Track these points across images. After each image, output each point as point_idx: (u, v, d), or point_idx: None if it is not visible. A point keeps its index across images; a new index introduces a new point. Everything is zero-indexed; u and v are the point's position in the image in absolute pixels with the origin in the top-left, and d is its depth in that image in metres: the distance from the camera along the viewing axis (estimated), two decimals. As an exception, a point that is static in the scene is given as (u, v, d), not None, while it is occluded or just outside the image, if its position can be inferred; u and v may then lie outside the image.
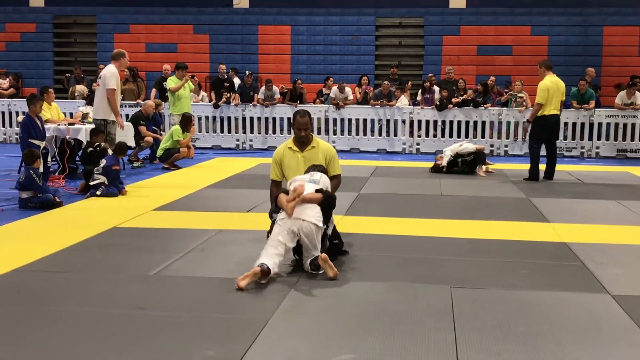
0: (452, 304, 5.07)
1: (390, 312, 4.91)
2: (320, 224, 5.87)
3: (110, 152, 10.27)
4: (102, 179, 9.76)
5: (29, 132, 10.22)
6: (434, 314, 4.85)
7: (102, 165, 9.79)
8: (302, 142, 6.84)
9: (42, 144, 10.09)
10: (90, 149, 10.65)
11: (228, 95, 17.72)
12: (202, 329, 4.57)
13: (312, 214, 5.87)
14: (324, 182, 6.26)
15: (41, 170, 9.55)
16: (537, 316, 4.87)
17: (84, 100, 16.45)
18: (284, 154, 6.88)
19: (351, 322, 4.69)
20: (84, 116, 13.06)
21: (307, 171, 6.50)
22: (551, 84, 11.68)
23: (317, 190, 6.06)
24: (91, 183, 9.75)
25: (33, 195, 8.91)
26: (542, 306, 5.08)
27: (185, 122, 13.75)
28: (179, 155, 13.25)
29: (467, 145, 12.96)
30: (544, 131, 11.94)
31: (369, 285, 5.58)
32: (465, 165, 12.70)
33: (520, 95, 16.95)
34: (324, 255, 5.72)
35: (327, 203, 6.05)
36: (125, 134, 12.98)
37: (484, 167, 12.79)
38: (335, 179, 6.78)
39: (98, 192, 9.66)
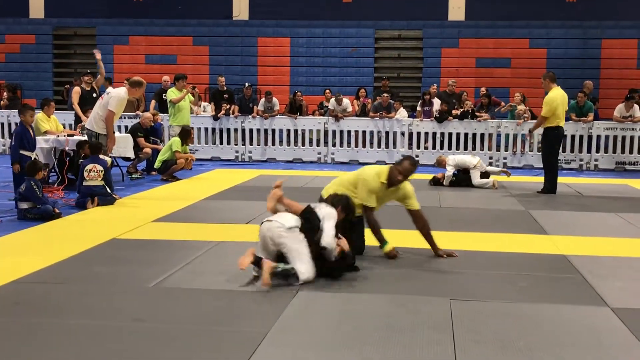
0: (452, 317, 5.06)
1: (390, 324, 4.90)
2: (287, 225, 5.86)
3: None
4: (102, 183, 9.89)
5: (21, 142, 10.12)
6: (433, 327, 4.85)
7: (97, 170, 9.84)
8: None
9: (33, 155, 10.05)
10: (81, 161, 10.68)
11: (227, 106, 17.74)
12: (202, 340, 4.56)
13: (285, 217, 5.93)
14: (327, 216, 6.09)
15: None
16: (536, 329, 4.86)
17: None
18: (380, 186, 6.99)
19: (351, 335, 4.68)
20: (84, 127, 13.07)
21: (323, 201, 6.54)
22: (559, 97, 11.76)
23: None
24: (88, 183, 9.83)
25: (32, 206, 8.91)
26: (542, 319, 5.08)
27: (185, 135, 13.76)
28: (176, 166, 13.24)
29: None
30: (558, 143, 12.15)
31: (369, 297, 5.57)
32: (464, 181, 12.66)
33: (520, 107, 16.96)
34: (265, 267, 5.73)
35: (304, 216, 5.99)
36: (124, 146, 13.02)
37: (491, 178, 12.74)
38: (419, 215, 7.10)
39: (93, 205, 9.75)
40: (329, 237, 5.97)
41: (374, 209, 6.98)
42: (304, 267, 5.81)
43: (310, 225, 5.98)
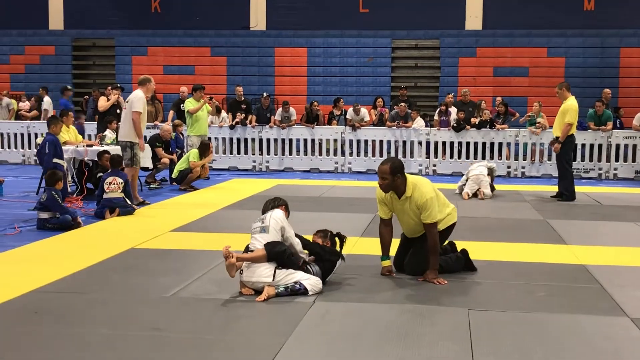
0: (470, 327, 5.04)
1: (408, 334, 4.88)
2: (269, 280, 5.76)
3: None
4: (122, 195, 10.01)
5: (55, 151, 10.27)
6: (451, 337, 4.82)
7: (118, 182, 9.93)
8: (392, 191, 6.46)
9: (65, 164, 10.19)
10: (100, 174, 10.76)
11: (242, 116, 17.77)
12: (219, 350, 4.56)
13: (261, 273, 5.81)
14: (274, 227, 6.01)
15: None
16: (555, 340, 4.83)
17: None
18: (386, 195, 6.54)
19: (368, 345, 4.67)
20: (103, 138, 13.20)
21: (264, 208, 6.41)
22: (576, 105, 11.95)
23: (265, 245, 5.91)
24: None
25: (52, 216, 8.97)
26: (561, 329, 5.04)
27: (204, 149, 13.76)
28: (192, 175, 13.28)
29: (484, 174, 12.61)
30: (572, 150, 12.45)
31: (386, 307, 5.56)
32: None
33: (538, 120, 16.86)
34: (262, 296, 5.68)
35: (272, 258, 5.86)
36: (143, 156, 13.08)
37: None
38: (428, 231, 6.38)
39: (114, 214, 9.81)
40: (296, 243, 6.06)
41: (384, 220, 6.63)
42: (306, 282, 5.83)
43: (283, 256, 5.89)
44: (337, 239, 6.43)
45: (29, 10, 24.17)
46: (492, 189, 12.58)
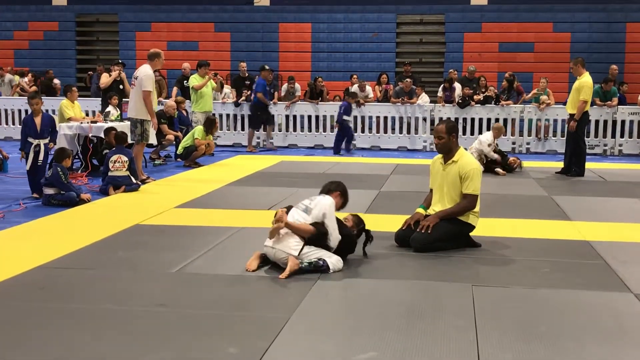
0: (474, 303, 5.05)
1: (412, 310, 4.90)
2: (295, 253, 5.75)
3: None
4: (127, 173, 10.00)
5: (24, 130, 10.06)
6: (455, 313, 4.84)
7: (122, 161, 9.93)
8: (445, 152, 6.75)
9: (35, 142, 9.96)
10: (106, 150, 10.76)
11: (248, 93, 17.73)
12: (224, 326, 4.59)
13: (289, 243, 5.80)
14: (315, 214, 5.98)
15: (28, 166, 9.71)
16: (559, 315, 4.84)
17: None
18: (434, 162, 6.94)
19: (373, 321, 4.69)
20: (107, 114, 13.19)
21: (322, 188, 6.43)
22: (591, 82, 11.99)
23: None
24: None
25: (57, 192, 9.00)
26: (564, 305, 5.06)
27: (209, 124, 13.74)
28: (197, 152, 13.29)
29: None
30: (585, 127, 12.51)
31: (390, 283, 5.58)
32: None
33: (542, 97, 16.77)
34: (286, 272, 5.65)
35: (315, 239, 5.85)
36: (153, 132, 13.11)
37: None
38: (464, 199, 6.62)
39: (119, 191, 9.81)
40: (335, 238, 5.96)
41: (430, 190, 6.97)
42: (329, 259, 5.79)
43: (324, 239, 5.90)
44: (365, 234, 6.33)
45: (32, -14, 24.11)
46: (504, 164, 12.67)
